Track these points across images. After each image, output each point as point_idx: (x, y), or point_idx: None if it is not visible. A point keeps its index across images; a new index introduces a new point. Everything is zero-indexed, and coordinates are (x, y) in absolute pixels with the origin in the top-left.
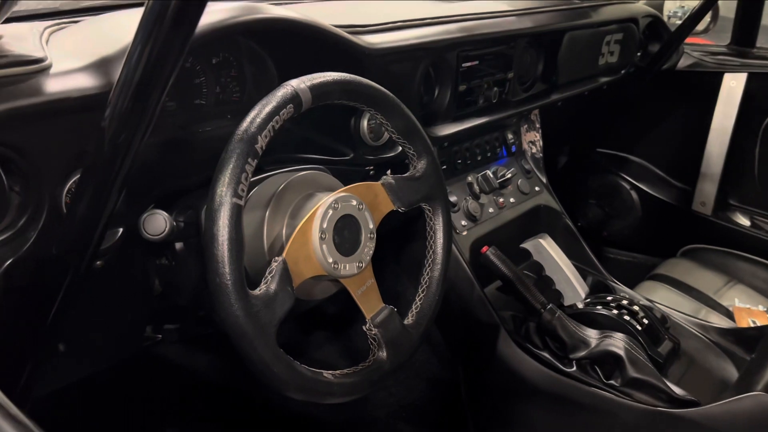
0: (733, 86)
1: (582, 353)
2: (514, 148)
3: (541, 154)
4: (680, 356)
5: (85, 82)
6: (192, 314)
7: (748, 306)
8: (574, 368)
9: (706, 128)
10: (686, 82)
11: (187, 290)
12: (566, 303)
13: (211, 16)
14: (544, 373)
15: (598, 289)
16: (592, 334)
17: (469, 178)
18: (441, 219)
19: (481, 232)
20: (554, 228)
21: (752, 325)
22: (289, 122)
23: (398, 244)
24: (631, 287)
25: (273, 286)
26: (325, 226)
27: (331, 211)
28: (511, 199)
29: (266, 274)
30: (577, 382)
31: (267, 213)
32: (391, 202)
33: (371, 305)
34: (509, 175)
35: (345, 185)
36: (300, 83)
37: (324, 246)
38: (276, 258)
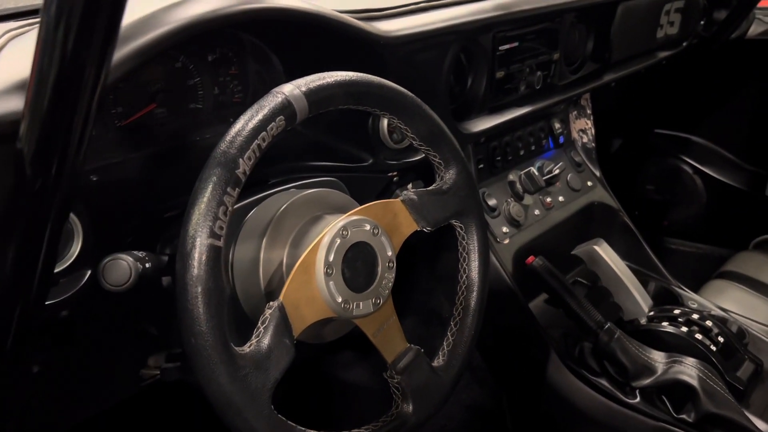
0: None
1: (647, 381)
2: (562, 139)
3: (593, 144)
4: (764, 380)
5: (19, 102)
6: None
7: None
8: (638, 399)
9: None
10: (758, 53)
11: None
12: (626, 318)
13: (192, 7)
14: (602, 403)
15: (662, 298)
16: (658, 358)
17: (511, 177)
18: (476, 237)
19: (525, 239)
20: (610, 227)
21: None
22: (282, 137)
23: (432, 251)
24: (698, 285)
25: (266, 341)
26: (332, 258)
27: (339, 240)
28: (560, 198)
29: (258, 323)
30: (641, 416)
31: (263, 243)
32: (414, 221)
33: (392, 347)
34: (557, 171)
35: (364, 197)
36: (293, 89)
37: (331, 283)
38: (271, 303)
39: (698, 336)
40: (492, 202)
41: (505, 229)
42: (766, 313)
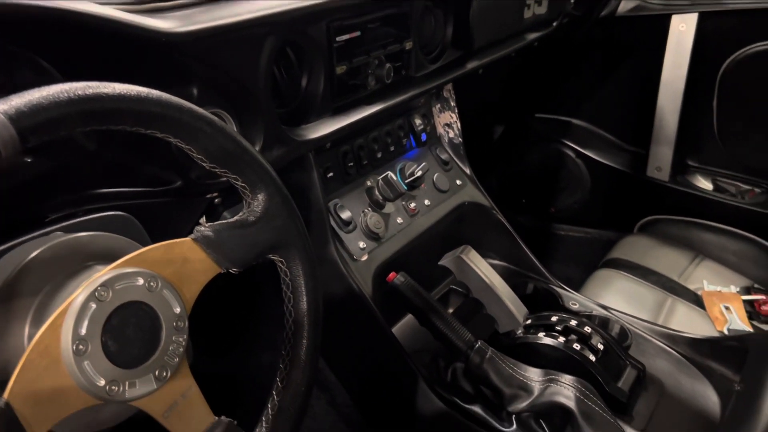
0: (682, 30)
1: (523, 404)
2: (424, 136)
3: (460, 139)
4: (647, 386)
5: None
6: None
7: (718, 288)
8: (514, 426)
9: (655, 81)
10: (629, 30)
11: None
12: (502, 330)
13: None
14: None
15: (542, 299)
16: (534, 377)
17: (368, 183)
18: (301, 272)
19: (387, 253)
20: (484, 227)
21: (724, 311)
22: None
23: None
24: (587, 272)
25: None
26: (83, 331)
27: (94, 305)
28: (426, 202)
29: None
30: None
31: None
32: (214, 262)
33: (193, 426)
34: (419, 172)
35: (176, 229)
36: None
37: (86, 363)
38: None
39: (576, 346)
40: (346, 215)
41: (362, 245)
42: (650, 304)
